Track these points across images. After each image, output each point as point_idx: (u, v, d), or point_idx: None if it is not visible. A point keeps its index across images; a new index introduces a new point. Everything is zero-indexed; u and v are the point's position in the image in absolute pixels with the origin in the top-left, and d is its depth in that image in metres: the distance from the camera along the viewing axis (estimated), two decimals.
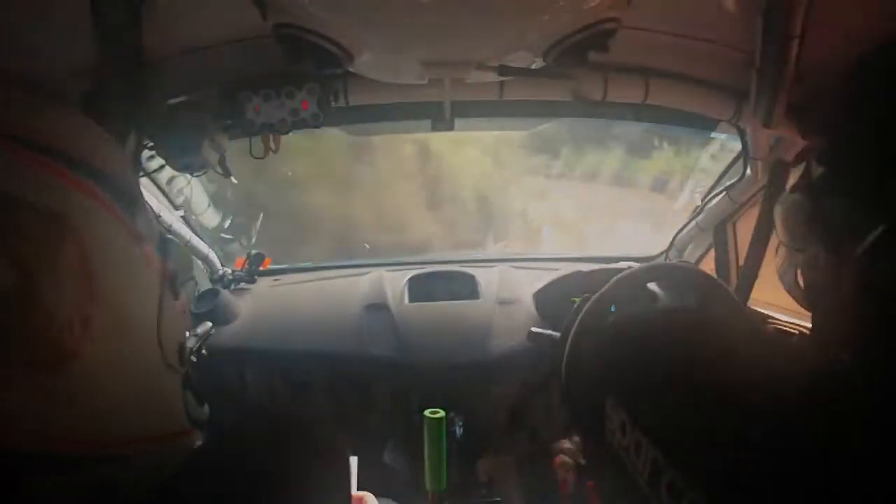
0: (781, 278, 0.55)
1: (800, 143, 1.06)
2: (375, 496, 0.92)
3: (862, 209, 0.41)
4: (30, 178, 0.37)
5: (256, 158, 1.16)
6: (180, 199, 1.44)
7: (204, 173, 1.13)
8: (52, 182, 0.38)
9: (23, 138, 0.38)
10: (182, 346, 0.50)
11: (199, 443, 0.51)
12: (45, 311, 0.37)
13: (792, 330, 1.21)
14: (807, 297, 0.51)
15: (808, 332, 0.73)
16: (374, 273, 1.65)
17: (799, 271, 0.51)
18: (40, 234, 0.37)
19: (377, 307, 1.48)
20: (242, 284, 1.65)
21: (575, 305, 1.18)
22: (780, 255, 0.55)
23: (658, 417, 0.40)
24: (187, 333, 1.31)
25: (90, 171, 0.41)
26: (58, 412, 0.38)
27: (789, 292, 0.54)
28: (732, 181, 1.34)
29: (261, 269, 1.70)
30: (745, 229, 1.38)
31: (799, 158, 1.05)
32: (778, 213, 0.52)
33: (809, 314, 0.51)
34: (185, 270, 0.48)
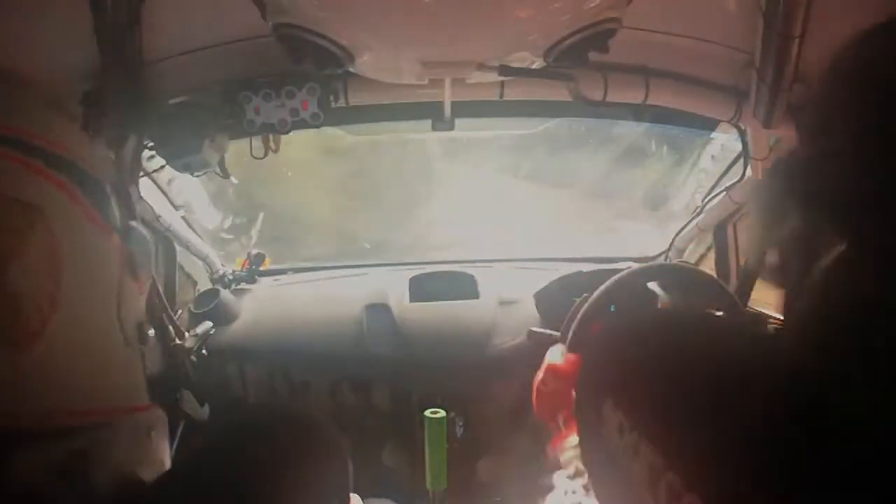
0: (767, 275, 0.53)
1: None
2: (376, 497, 0.93)
3: (826, 218, 0.40)
4: (7, 173, 0.40)
5: (256, 158, 1.17)
6: (180, 199, 1.44)
7: (204, 173, 1.13)
8: (22, 173, 0.41)
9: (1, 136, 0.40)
10: (141, 325, 0.52)
11: (162, 419, 0.52)
12: (15, 294, 0.39)
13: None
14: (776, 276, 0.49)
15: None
16: (375, 273, 1.65)
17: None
18: (11, 222, 0.39)
19: (378, 307, 1.48)
20: (243, 284, 1.65)
21: (575, 305, 1.18)
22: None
23: (656, 420, 0.40)
24: (186, 334, 1.32)
25: (58, 162, 0.43)
26: (25, 389, 0.40)
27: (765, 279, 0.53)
28: (733, 182, 1.34)
29: (261, 269, 1.70)
30: (746, 229, 1.38)
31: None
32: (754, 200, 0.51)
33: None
34: (146, 256, 0.50)
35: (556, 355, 1.04)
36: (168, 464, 0.52)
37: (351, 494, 0.85)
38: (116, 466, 0.44)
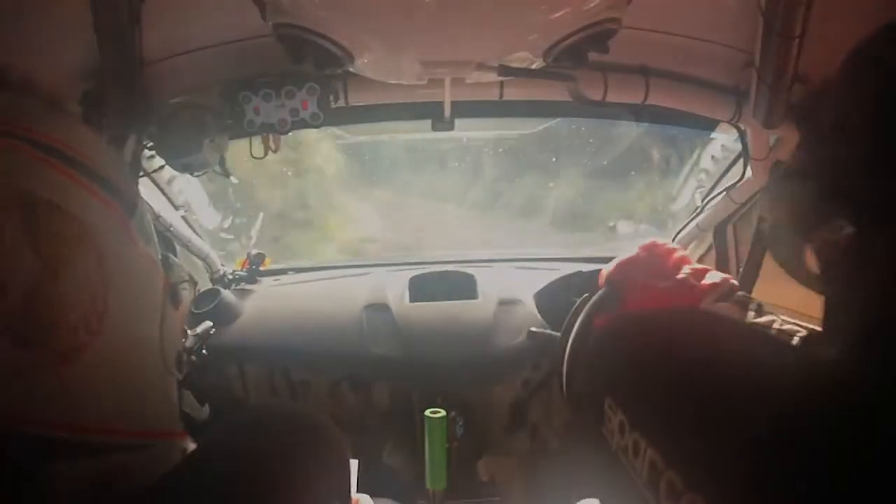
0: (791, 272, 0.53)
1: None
2: (376, 496, 0.92)
3: (827, 213, 0.41)
4: (55, 183, 0.41)
5: (256, 158, 1.17)
6: (180, 199, 1.44)
7: (204, 173, 1.13)
8: (73, 188, 0.42)
9: (45, 145, 0.41)
10: (180, 354, 0.53)
11: (190, 447, 0.53)
12: (65, 306, 0.40)
13: (793, 330, 1.21)
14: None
15: (807, 332, 0.73)
16: (375, 273, 1.65)
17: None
18: (64, 235, 0.40)
19: (378, 307, 1.48)
20: (243, 284, 1.65)
21: (575, 305, 1.18)
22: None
23: (657, 418, 0.39)
24: (187, 334, 1.32)
25: (105, 184, 0.45)
26: (64, 400, 0.40)
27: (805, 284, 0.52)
28: (733, 182, 1.34)
29: (261, 268, 1.70)
30: (746, 230, 1.38)
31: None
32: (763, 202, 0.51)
33: (810, 314, 0.51)
34: (183, 284, 0.52)
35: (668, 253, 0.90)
36: None
37: (360, 495, 0.85)
38: (143, 492, 0.44)
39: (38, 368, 0.39)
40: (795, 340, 0.71)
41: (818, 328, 0.53)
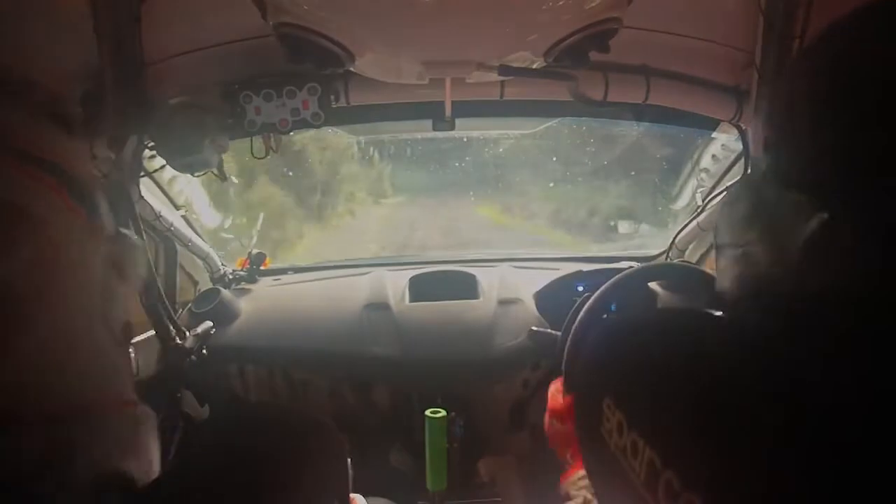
0: (720, 276, 0.52)
1: None
2: (376, 496, 0.93)
3: (800, 201, 0.40)
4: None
5: (257, 158, 1.17)
6: (181, 199, 1.44)
7: (205, 173, 1.13)
8: (12, 174, 0.43)
9: None
10: (128, 324, 0.54)
11: (148, 417, 0.54)
12: (3, 287, 0.40)
13: None
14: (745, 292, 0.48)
15: None
16: (375, 273, 1.65)
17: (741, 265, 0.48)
18: (3, 222, 0.41)
19: (378, 307, 1.48)
20: (243, 284, 1.65)
21: (575, 305, 1.18)
22: (718, 254, 0.52)
23: (655, 418, 0.40)
24: (187, 334, 1.32)
25: (47, 165, 0.45)
26: (9, 381, 0.41)
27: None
28: (734, 181, 1.34)
29: (261, 268, 1.70)
30: None
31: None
32: (720, 209, 0.50)
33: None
34: (135, 259, 0.53)
35: (555, 396, 1.04)
36: (157, 460, 0.53)
37: (354, 495, 0.85)
38: (101, 459, 0.45)
39: None
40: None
41: None
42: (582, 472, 0.91)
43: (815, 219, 0.38)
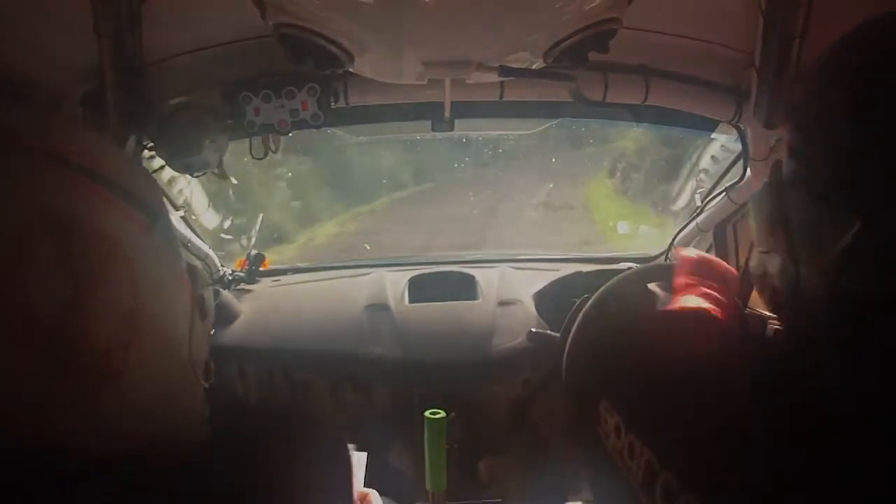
0: (756, 280, 0.52)
1: None
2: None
3: (832, 209, 0.40)
4: (83, 201, 0.40)
5: (256, 159, 1.17)
6: (180, 200, 1.44)
7: (204, 174, 1.13)
8: (102, 206, 0.41)
9: (72, 162, 0.40)
10: (208, 363, 0.53)
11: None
12: (98, 325, 0.39)
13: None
14: (773, 300, 0.49)
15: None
16: (375, 274, 1.65)
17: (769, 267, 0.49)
18: (94, 254, 0.39)
19: (378, 308, 1.48)
20: (242, 285, 1.65)
21: (575, 306, 1.18)
22: (752, 256, 0.53)
23: (652, 420, 0.39)
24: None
25: (130, 197, 0.44)
26: (100, 420, 0.40)
27: (759, 289, 0.52)
28: (733, 182, 1.34)
29: (261, 269, 1.70)
30: (746, 230, 1.38)
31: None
32: (750, 212, 0.50)
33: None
34: (210, 297, 0.51)
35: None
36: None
37: (369, 490, 0.86)
38: (178, 497, 0.44)
39: (73, 389, 0.39)
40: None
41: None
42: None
43: (849, 225, 0.38)
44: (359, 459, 0.93)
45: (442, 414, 0.99)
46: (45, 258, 0.38)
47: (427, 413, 1.00)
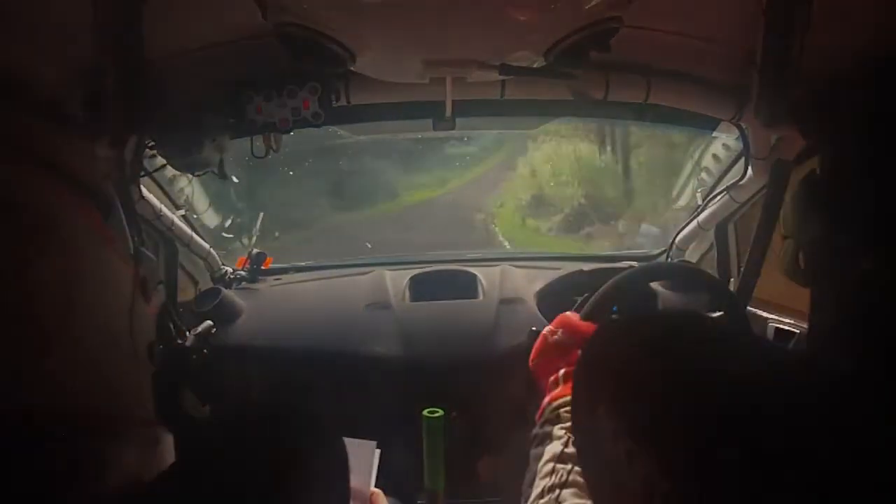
0: (785, 271, 0.56)
1: (801, 143, 1.05)
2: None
3: (846, 238, 0.41)
4: (26, 185, 0.42)
5: (258, 158, 1.17)
6: (182, 199, 1.44)
7: (205, 173, 1.13)
8: (44, 190, 0.44)
9: (26, 150, 0.43)
10: (152, 345, 0.56)
11: (166, 438, 0.56)
12: (34, 300, 0.41)
13: (794, 330, 1.21)
14: (807, 280, 0.52)
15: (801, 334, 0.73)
16: (376, 272, 1.65)
17: (801, 257, 0.52)
18: (32, 234, 0.42)
19: (379, 306, 1.48)
20: (244, 283, 1.65)
21: (576, 304, 1.18)
22: (784, 248, 0.56)
23: (650, 427, 0.39)
24: (187, 334, 1.32)
25: (77, 184, 0.47)
26: (40, 391, 0.42)
27: (792, 279, 0.55)
28: (734, 181, 1.34)
29: (262, 268, 1.70)
30: (747, 229, 1.38)
31: (802, 155, 1.05)
32: (788, 202, 0.53)
33: (809, 315, 0.51)
34: (155, 278, 0.55)
35: (571, 315, 1.02)
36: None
37: (375, 491, 0.86)
38: (124, 473, 0.46)
39: (8, 359, 0.40)
40: (794, 348, 0.72)
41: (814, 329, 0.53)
42: (568, 399, 0.89)
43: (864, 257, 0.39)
44: (374, 455, 0.94)
45: (440, 413, 0.99)
46: None
47: (425, 412, 1.00)
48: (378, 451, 0.93)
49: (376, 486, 0.94)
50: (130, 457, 0.47)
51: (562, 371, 0.96)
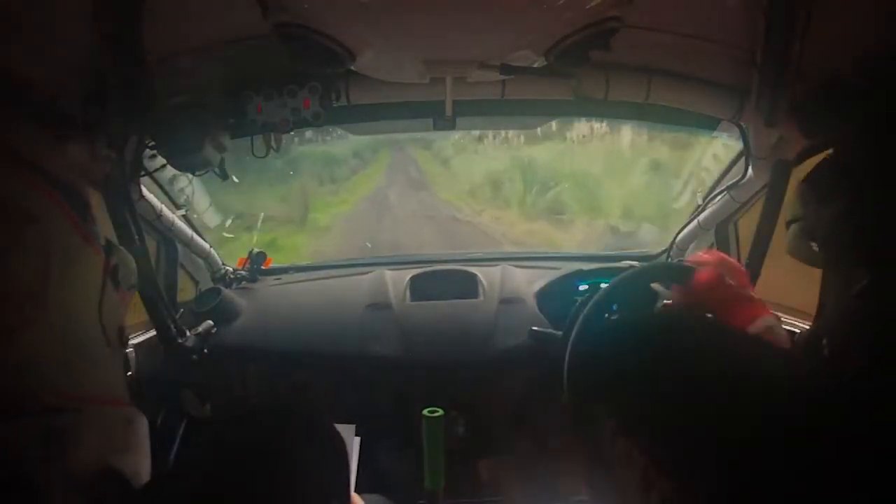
0: (794, 252, 0.58)
1: (801, 142, 1.05)
2: (375, 495, 0.92)
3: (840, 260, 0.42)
4: (9, 183, 0.46)
5: (258, 157, 1.17)
6: (182, 199, 1.44)
7: (205, 173, 1.13)
8: (18, 181, 0.47)
9: (7, 149, 0.47)
10: (122, 329, 0.59)
11: (139, 419, 0.58)
12: (9, 283, 0.44)
13: (794, 330, 1.21)
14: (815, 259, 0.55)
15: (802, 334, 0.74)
16: (376, 272, 1.65)
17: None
18: (12, 226, 0.45)
19: (379, 306, 1.48)
20: (244, 283, 1.65)
21: (576, 304, 1.17)
22: (790, 232, 0.58)
23: (649, 426, 0.39)
24: (187, 333, 1.32)
25: (52, 179, 0.50)
26: (8, 371, 0.45)
27: (804, 261, 0.57)
28: (734, 180, 1.34)
29: (262, 268, 1.70)
30: (747, 228, 1.38)
31: (804, 154, 1.05)
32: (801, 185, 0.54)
33: (809, 315, 0.52)
34: (129, 271, 0.58)
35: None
36: (148, 460, 0.56)
37: (355, 494, 0.86)
38: (93, 450, 0.48)
39: None
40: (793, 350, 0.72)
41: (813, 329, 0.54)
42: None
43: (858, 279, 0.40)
44: (354, 443, 0.95)
45: (440, 412, 0.99)
46: None
47: (425, 412, 1.00)
48: (357, 439, 0.93)
49: (363, 481, 0.93)
50: (102, 434, 0.50)
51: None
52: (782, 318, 1.24)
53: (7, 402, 0.44)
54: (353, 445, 0.94)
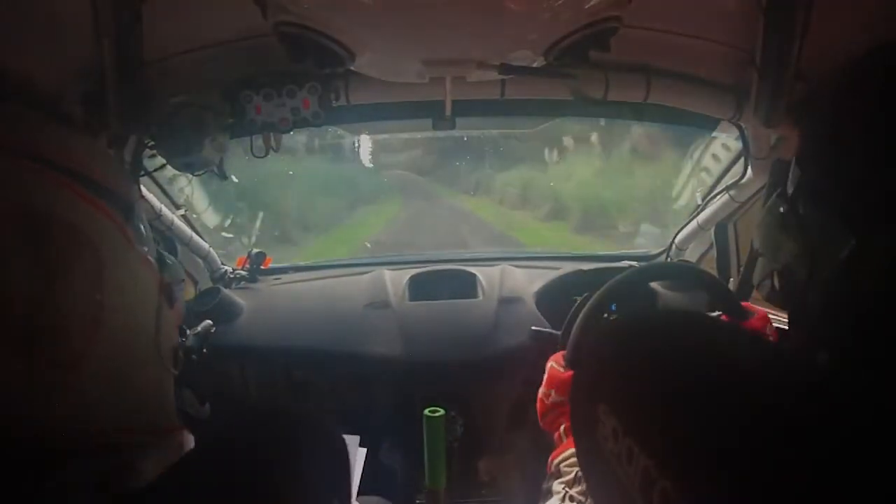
0: (759, 288, 0.56)
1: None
2: (376, 495, 0.93)
3: (837, 218, 0.42)
4: (53, 196, 0.42)
5: (257, 157, 1.17)
6: (181, 198, 1.44)
7: (205, 173, 1.13)
8: (74, 201, 0.43)
9: (46, 159, 0.43)
10: (176, 350, 0.54)
11: (189, 442, 0.54)
12: (64, 315, 0.41)
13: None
14: (783, 304, 0.53)
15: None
16: (376, 272, 1.65)
17: (776, 278, 0.52)
18: (62, 244, 0.41)
19: (378, 306, 1.48)
20: (243, 283, 1.65)
21: (576, 304, 1.18)
22: (758, 265, 0.56)
23: (650, 425, 0.39)
24: (187, 333, 1.32)
25: (101, 190, 0.46)
26: (67, 408, 0.41)
27: (767, 301, 0.55)
28: (733, 180, 1.34)
29: (262, 267, 1.70)
30: (747, 228, 1.38)
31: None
32: (757, 221, 0.53)
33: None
34: (179, 282, 0.54)
35: (555, 368, 1.04)
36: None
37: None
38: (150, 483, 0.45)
39: (40, 375, 0.40)
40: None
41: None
42: (573, 450, 0.90)
43: (848, 240, 0.39)
44: (358, 453, 0.94)
45: (441, 412, 0.99)
46: (18, 253, 0.39)
47: (426, 411, 1.00)
48: (363, 451, 0.93)
49: (365, 485, 0.94)
50: (158, 466, 0.47)
51: (562, 426, 0.96)
52: (778, 317, 1.24)
53: (65, 443, 0.41)
54: (358, 455, 0.94)
